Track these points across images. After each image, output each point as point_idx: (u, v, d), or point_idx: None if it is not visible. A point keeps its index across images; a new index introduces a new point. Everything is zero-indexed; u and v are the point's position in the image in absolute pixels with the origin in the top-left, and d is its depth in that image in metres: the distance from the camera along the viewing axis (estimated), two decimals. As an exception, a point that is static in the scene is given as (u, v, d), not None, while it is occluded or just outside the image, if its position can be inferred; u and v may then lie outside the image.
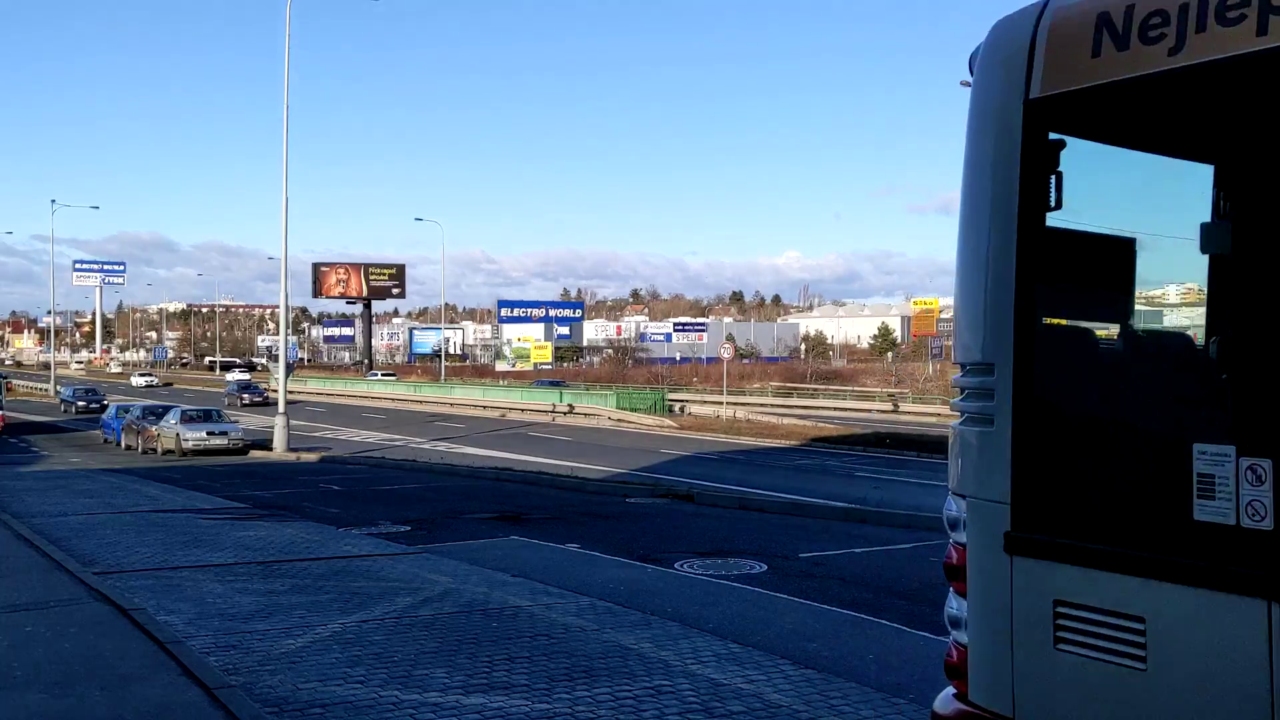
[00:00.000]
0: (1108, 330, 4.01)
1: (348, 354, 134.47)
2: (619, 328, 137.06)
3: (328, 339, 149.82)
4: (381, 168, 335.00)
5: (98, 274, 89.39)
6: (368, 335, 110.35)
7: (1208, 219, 3.72)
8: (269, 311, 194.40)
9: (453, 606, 9.29)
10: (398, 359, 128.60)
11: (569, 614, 9.00)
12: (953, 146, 3.79)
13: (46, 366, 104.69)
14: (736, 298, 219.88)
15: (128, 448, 35.64)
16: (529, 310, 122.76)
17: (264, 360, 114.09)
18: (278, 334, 60.10)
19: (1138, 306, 3.96)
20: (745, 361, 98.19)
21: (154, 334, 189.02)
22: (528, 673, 7.13)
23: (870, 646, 8.10)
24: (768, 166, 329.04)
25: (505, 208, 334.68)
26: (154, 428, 34.13)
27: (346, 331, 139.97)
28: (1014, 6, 3.72)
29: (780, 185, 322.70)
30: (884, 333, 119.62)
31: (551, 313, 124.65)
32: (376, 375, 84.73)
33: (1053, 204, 3.50)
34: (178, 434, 32.11)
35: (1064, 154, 3.51)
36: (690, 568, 11.86)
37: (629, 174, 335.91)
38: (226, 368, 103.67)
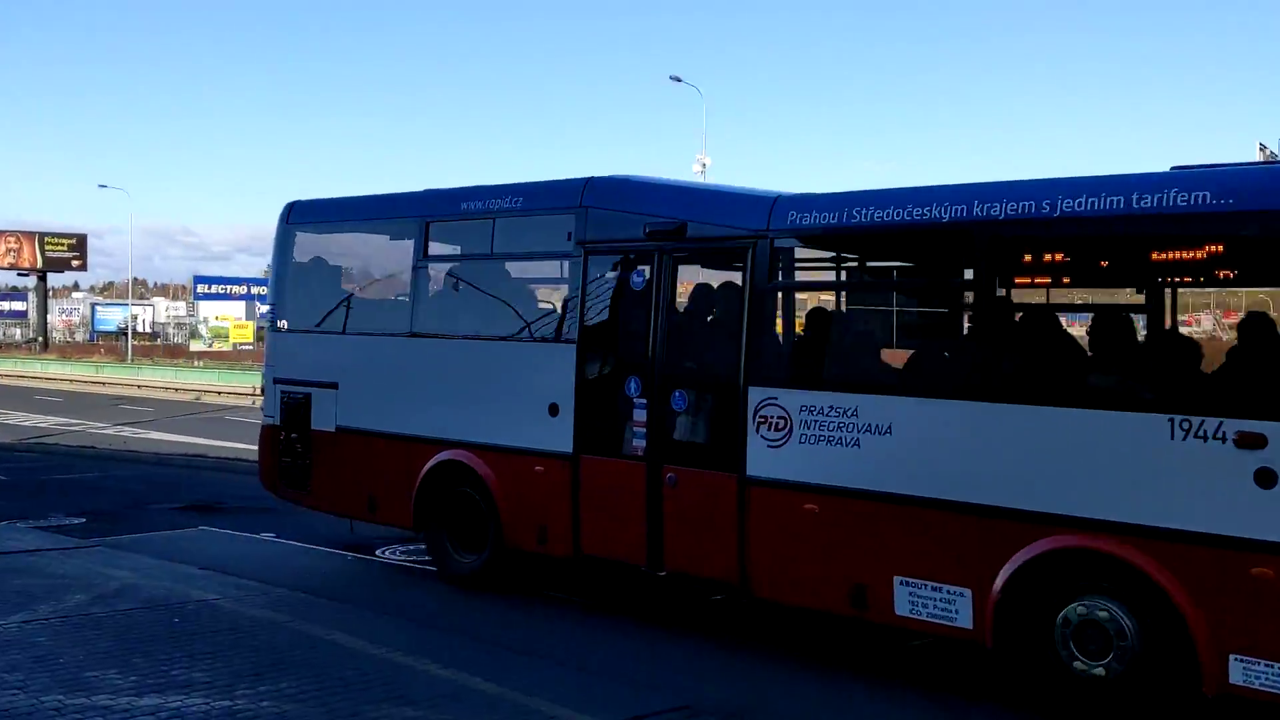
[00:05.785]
0: None
1: (19, 330, 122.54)
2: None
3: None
4: (58, 128, 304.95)
5: None
6: (43, 311, 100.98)
7: None
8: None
9: (131, 603, 8.76)
10: (79, 336, 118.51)
11: (259, 606, 8.73)
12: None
13: None
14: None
15: None
16: (229, 287, 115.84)
17: None
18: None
19: None
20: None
21: None
22: (210, 669, 6.87)
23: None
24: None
25: (207, 175, 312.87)
26: None
27: (19, 306, 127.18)
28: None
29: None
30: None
31: (255, 290, 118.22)
32: None
33: None
34: None
35: None
36: (393, 554, 11.79)
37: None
38: None
